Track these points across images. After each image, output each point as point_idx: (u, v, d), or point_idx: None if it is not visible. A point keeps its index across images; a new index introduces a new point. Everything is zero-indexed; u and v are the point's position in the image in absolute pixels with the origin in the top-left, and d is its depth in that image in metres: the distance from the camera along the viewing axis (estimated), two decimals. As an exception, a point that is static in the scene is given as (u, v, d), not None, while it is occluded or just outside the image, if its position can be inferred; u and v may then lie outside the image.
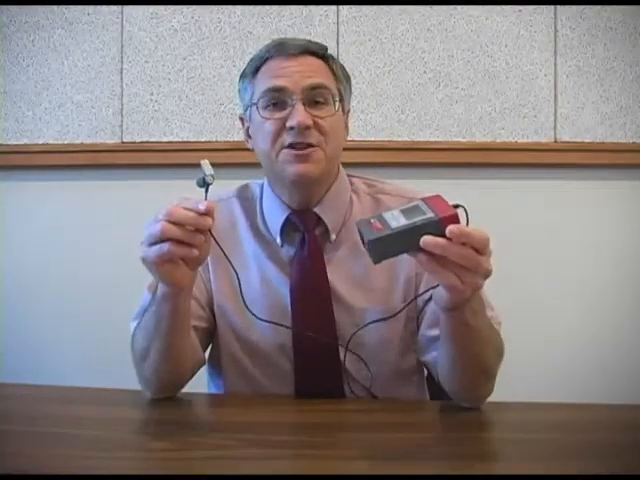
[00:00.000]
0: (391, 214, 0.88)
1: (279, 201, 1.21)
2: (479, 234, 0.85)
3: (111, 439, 0.95)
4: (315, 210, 1.19)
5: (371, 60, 2.00)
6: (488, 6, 1.99)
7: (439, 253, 0.84)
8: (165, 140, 2.01)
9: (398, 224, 0.86)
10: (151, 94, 2.01)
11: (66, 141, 2.02)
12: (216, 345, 1.24)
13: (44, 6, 2.01)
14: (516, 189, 2.00)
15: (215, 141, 2.00)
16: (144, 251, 0.94)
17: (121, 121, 2.02)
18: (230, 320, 1.20)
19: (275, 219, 1.21)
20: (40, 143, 2.03)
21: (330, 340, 1.15)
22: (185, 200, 0.94)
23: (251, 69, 1.19)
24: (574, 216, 2.02)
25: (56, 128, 2.03)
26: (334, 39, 1.99)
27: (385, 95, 2.00)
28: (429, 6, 1.99)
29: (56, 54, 2.03)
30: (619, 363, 1.96)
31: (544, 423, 1.03)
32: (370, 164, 1.85)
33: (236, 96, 1.24)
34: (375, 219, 0.88)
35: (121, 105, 2.02)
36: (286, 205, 1.20)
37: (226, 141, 1.99)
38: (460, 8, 1.99)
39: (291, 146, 1.12)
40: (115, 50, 2.02)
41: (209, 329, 1.22)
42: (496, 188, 1.99)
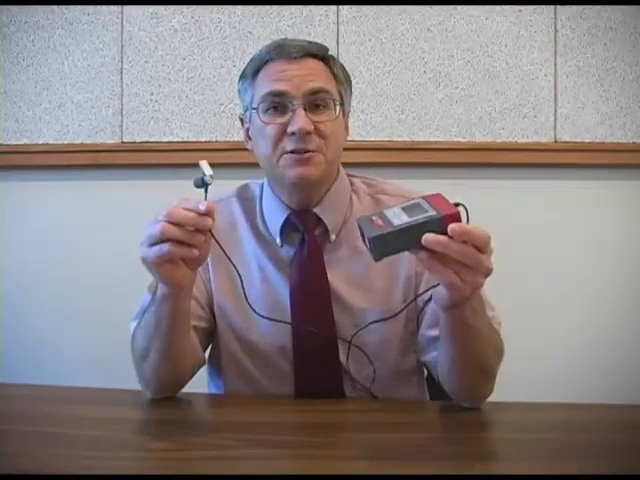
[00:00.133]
0: (392, 211, 0.88)
1: (279, 201, 1.21)
2: (480, 232, 0.85)
3: (111, 439, 0.95)
4: (315, 210, 1.19)
5: (371, 60, 2.00)
6: (488, 6, 1.99)
7: (440, 251, 0.84)
8: (165, 140, 2.01)
9: (400, 221, 0.85)
10: (151, 94, 2.01)
11: (66, 141, 2.02)
12: (216, 345, 1.24)
13: (44, 6, 2.01)
14: (516, 189, 2.00)
15: (215, 141, 2.00)
16: (144, 251, 0.93)
17: (121, 121, 2.02)
18: (230, 320, 1.20)
19: (275, 219, 1.21)
20: (40, 143, 2.03)
21: (330, 340, 1.15)
22: (185, 200, 0.93)
23: (251, 70, 1.18)
24: (574, 216, 2.02)
25: (56, 128, 2.03)
26: (334, 39, 1.99)
27: (385, 95, 2.00)
28: (429, 6, 1.99)
29: (56, 54, 2.03)
30: (619, 363, 1.96)
31: (544, 423, 1.03)
32: (370, 164, 1.85)
33: (236, 96, 1.24)
34: (376, 216, 0.88)
35: (121, 105, 2.02)
36: (286, 205, 1.20)
37: (226, 141, 1.99)
38: (460, 8, 1.99)
39: (292, 152, 1.13)
40: (115, 50, 2.02)
41: (209, 329, 1.22)
42: (496, 188, 1.99)
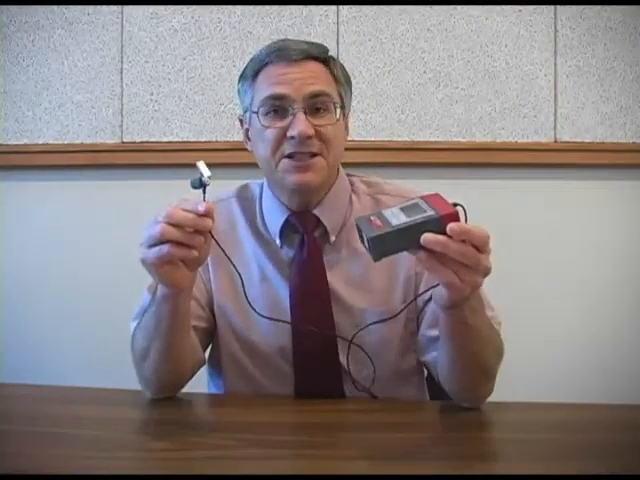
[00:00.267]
0: (391, 211, 0.88)
1: (278, 202, 1.20)
2: (479, 231, 0.85)
3: (111, 439, 0.95)
4: (314, 212, 1.19)
5: (371, 60, 2.00)
6: (488, 6, 1.99)
7: (439, 250, 0.84)
8: (165, 140, 2.01)
9: (398, 221, 0.85)
10: (151, 94, 2.01)
11: (66, 141, 2.02)
12: (216, 345, 1.24)
13: (44, 6, 2.01)
14: (516, 189, 2.00)
15: (215, 141, 2.00)
16: (144, 253, 0.93)
17: (121, 121, 2.02)
18: (230, 320, 1.20)
19: (274, 220, 1.21)
20: (40, 143, 2.03)
21: (330, 341, 1.15)
22: (184, 201, 0.93)
23: (251, 72, 1.17)
24: (574, 216, 2.02)
25: (56, 128, 2.03)
26: (334, 39, 1.99)
27: (385, 95, 2.00)
28: (429, 6, 1.99)
29: (56, 54, 2.03)
30: (619, 363, 1.96)
31: (544, 423, 1.03)
32: (370, 164, 1.85)
33: (236, 96, 1.24)
34: (375, 216, 0.88)
35: (121, 105, 2.02)
36: (285, 206, 1.20)
37: (226, 141, 1.99)
38: (460, 8, 1.99)
39: (291, 156, 1.12)
40: (115, 50, 2.02)
41: (209, 329, 1.22)
42: (496, 188, 1.99)
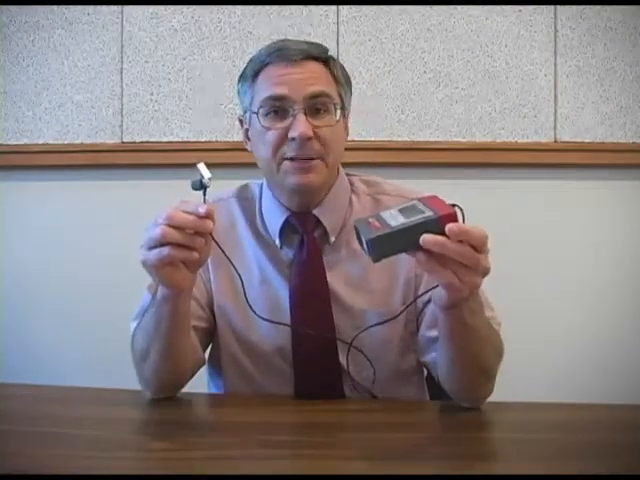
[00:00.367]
0: (389, 213, 0.88)
1: (278, 203, 1.20)
2: (478, 232, 0.85)
3: (111, 439, 0.95)
4: (314, 212, 1.19)
5: (371, 60, 2.00)
6: (488, 6, 1.99)
7: (438, 251, 0.84)
8: (165, 140, 2.01)
9: (397, 223, 0.86)
10: (151, 94, 2.01)
11: (66, 141, 2.02)
12: (216, 345, 1.24)
13: (44, 6, 2.01)
14: (516, 189, 2.00)
15: (215, 141, 2.00)
16: (144, 255, 0.93)
17: (121, 121, 2.02)
18: (230, 320, 1.20)
19: (274, 221, 1.21)
20: (40, 143, 2.03)
21: (330, 342, 1.15)
22: (185, 203, 0.93)
23: (251, 72, 1.17)
24: (574, 216, 2.02)
25: (56, 128, 2.03)
26: (334, 39, 1.99)
27: (385, 95, 2.00)
28: (429, 6, 1.99)
29: (56, 54, 2.03)
30: (619, 363, 1.96)
31: (544, 423, 1.03)
32: (370, 164, 1.85)
33: (236, 96, 1.24)
34: (373, 218, 0.88)
35: (121, 105, 2.02)
36: (285, 207, 1.20)
37: (226, 141, 1.99)
38: (460, 8, 1.99)
39: (292, 158, 1.12)
40: (115, 50, 2.02)
41: (209, 329, 1.22)
42: (496, 188, 1.99)
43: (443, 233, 0.83)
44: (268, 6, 1.99)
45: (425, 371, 1.27)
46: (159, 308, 1.02)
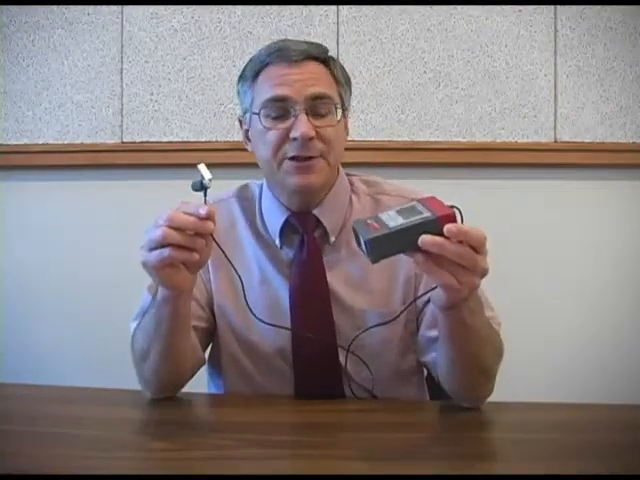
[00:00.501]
0: (387, 214, 0.88)
1: (278, 203, 1.20)
2: (476, 232, 0.85)
3: (111, 439, 0.95)
4: (314, 212, 1.19)
5: (371, 60, 2.00)
6: (488, 6, 1.98)
7: (437, 252, 0.84)
8: (165, 140, 2.01)
9: (395, 223, 0.86)
10: (151, 94, 2.01)
11: (66, 141, 2.02)
12: (216, 345, 1.24)
13: (44, 6, 2.01)
14: (516, 189, 2.00)
15: (215, 141, 2.00)
16: (145, 256, 0.93)
17: (121, 121, 2.02)
18: (230, 320, 1.20)
19: (274, 221, 1.21)
20: (40, 143, 2.03)
21: (330, 342, 1.15)
22: (185, 205, 0.93)
23: (251, 72, 1.17)
24: (574, 216, 2.02)
25: (56, 128, 2.03)
26: (334, 39, 1.99)
27: (385, 95, 2.00)
28: (429, 6, 1.99)
29: (56, 54, 2.03)
30: (619, 363, 1.96)
31: (544, 423, 1.03)
32: (370, 164, 1.85)
33: (236, 96, 1.24)
34: (372, 219, 0.89)
35: (121, 105, 2.02)
36: (285, 207, 1.20)
37: (226, 141, 1.99)
38: (460, 8, 1.99)
39: (293, 158, 1.12)
40: (115, 50, 2.02)
41: (209, 329, 1.22)
42: (496, 188, 1.99)
43: (441, 234, 0.83)
44: (268, 6, 1.99)
45: (425, 371, 1.27)
46: (159, 309, 1.02)
